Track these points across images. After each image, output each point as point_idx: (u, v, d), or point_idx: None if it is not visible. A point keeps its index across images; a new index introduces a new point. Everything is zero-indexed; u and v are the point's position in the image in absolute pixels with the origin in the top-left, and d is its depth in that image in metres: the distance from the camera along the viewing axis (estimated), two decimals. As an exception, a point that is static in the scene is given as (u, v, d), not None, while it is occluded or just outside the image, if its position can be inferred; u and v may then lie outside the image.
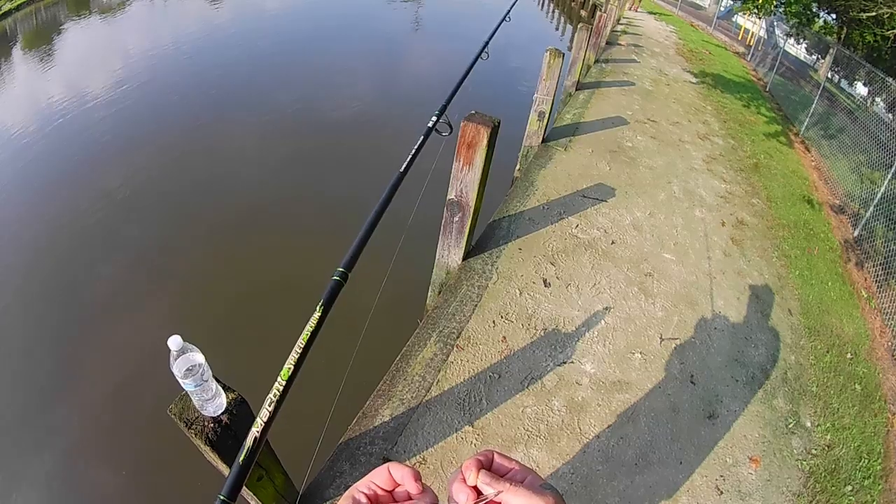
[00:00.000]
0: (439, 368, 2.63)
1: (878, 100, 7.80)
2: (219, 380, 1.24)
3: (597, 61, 8.77)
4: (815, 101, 7.87)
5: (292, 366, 1.11)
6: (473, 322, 2.95)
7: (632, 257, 3.83)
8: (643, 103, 7.23)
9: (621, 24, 12.73)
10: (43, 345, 3.98)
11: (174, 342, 1.07)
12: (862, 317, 4.15)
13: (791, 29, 10.26)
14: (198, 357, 1.12)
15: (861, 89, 9.31)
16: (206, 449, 1.27)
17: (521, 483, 0.45)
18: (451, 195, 2.99)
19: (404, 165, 1.89)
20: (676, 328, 3.27)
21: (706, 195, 5.08)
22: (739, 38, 15.06)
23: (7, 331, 4.08)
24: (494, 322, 2.98)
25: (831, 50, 9.18)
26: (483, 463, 0.46)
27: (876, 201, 5.16)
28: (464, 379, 2.61)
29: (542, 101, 4.92)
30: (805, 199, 5.85)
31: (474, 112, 2.77)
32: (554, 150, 5.21)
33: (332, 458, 2.16)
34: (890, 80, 6.41)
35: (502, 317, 3.03)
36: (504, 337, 2.90)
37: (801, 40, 11.12)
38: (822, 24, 10.84)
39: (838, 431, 2.94)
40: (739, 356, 3.20)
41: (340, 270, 1.35)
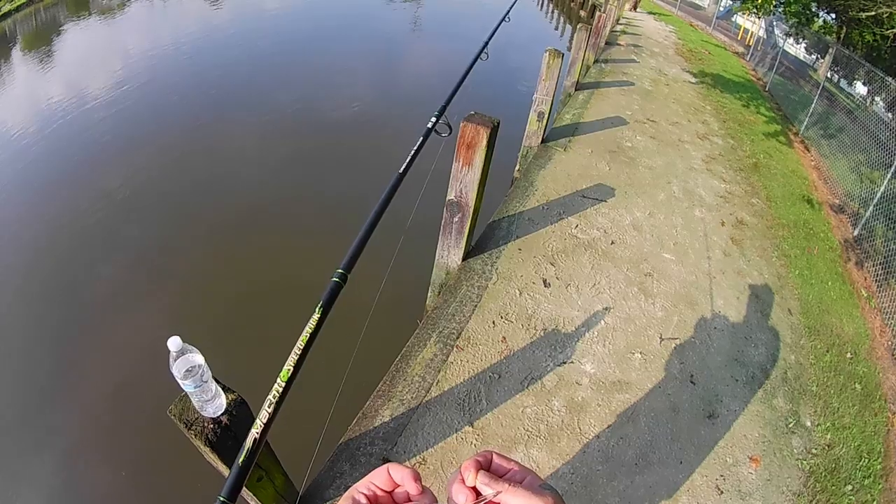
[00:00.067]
0: (439, 369, 2.63)
1: (878, 99, 7.79)
2: (218, 381, 1.25)
3: (596, 61, 8.77)
4: (815, 101, 7.87)
5: (292, 367, 1.11)
6: (473, 322, 2.95)
7: (631, 257, 3.83)
8: (642, 103, 7.23)
9: (620, 24, 12.73)
10: (43, 345, 3.98)
11: (174, 343, 1.07)
12: (862, 316, 4.15)
13: (790, 28, 10.27)
14: (197, 358, 1.12)
15: (860, 89, 9.31)
16: (206, 450, 1.27)
17: (521, 483, 0.45)
18: (451, 195, 2.99)
19: (404, 166, 1.89)
20: (676, 328, 3.27)
21: (706, 195, 5.08)
22: (739, 38, 15.06)
23: (7, 331, 4.08)
24: (494, 322, 2.98)
25: (831, 49, 9.18)
26: (482, 463, 0.46)
27: (875, 201, 5.16)
28: (464, 379, 2.61)
29: (542, 102, 4.92)
30: (805, 199, 5.85)
31: (474, 112, 2.77)
32: (553, 151, 5.21)
33: (332, 459, 2.16)
34: (889, 80, 6.41)
35: (502, 317, 3.03)
36: (504, 337, 2.90)
37: (801, 40, 11.14)
38: (822, 24, 10.86)
39: (838, 431, 2.94)
40: (739, 356, 3.20)
41: (340, 271, 1.35)
